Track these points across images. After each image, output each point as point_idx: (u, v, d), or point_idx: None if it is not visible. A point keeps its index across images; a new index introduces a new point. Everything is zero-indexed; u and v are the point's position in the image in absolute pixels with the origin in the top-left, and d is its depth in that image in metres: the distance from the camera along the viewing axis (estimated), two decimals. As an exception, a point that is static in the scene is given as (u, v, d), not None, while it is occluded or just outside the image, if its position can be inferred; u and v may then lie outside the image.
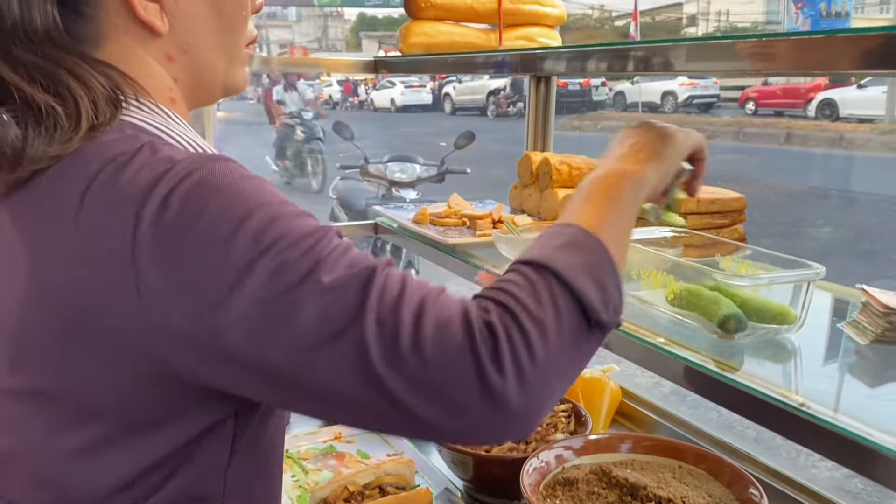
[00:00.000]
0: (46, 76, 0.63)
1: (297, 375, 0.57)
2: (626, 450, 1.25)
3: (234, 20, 0.76)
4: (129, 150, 0.61)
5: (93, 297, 0.58)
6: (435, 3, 1.59)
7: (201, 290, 0.56)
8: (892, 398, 0.84)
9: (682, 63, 0.91)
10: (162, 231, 0.57)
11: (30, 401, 0.63)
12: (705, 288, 0.97)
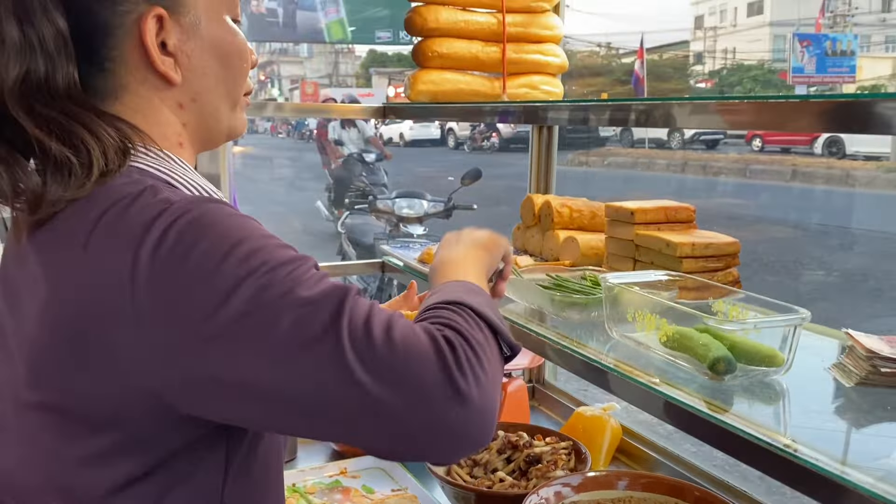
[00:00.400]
0: (64, 130, 0.71)
1: (278, 385, 0.63)
2: (623, 487, 1.28)
3: (237, 73, 0.84)
4: (132, 192, 0.69)
5: (95, 324, 0.65)
6: (441, 53, 1.66)
7: (193, 312, 0.63)
8: (874, 440, 0.88)
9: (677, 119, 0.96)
10: (158, 263, 0.64)
11: (43, 413, 0.70)
12: (697, 331, 1.01)
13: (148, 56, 0.76)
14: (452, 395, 0.64)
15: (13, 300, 0.76)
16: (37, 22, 0.70)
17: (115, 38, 0.75)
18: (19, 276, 0.75)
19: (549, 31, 1.76)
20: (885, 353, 0.96)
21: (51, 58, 0.71)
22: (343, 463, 1.59)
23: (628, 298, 1.15)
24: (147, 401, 0.66)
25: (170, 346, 0.64)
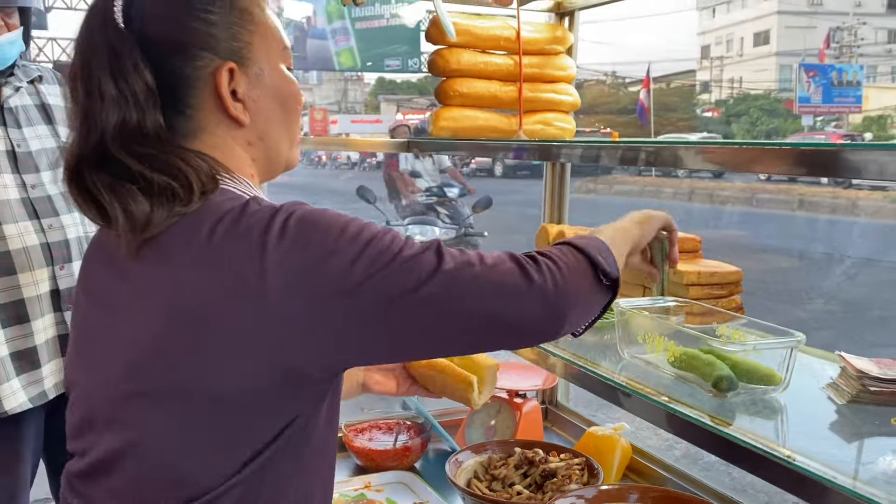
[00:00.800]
0: (161, 163, 0.83)
1: (402, 316, 0.80)
2: (634, 500, 1.37)
3: (293, 114, 0.97)
4: (238, 204, 0.83)
5: (228, 306, 0.78)
6: (462, 92, 1.77)
7: (324, 281, 0.78)
8: (861, 450, 0.97)
9: (682, 161, 1.06)
10: (284, 251, 0.78)
11: (151, 400, 0.81)
12: (702, 352, 1.11)
13: (222, 102, 0.88)
14: (528, 289, 0.84)
15: (109, 305, 0.88)
16: (129, 79, 0.83)
17: (195, 88, 0.87)
18: (118, 288, 0.87)
19: (563, 72, 1.88)
20: (874, 373, 1.06)
21: (141, 107, 0.83)
22: (367, 477, 1.68)
23: (639, 322, 1.25)
24: (273, 373, 0.79)
25: (311, 312, 0.78)
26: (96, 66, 0.83)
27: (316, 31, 21.44)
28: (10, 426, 1.74)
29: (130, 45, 0.84)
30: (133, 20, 0.85)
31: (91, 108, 0.84)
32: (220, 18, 0.88)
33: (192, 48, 0.86)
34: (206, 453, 0.81)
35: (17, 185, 1.74)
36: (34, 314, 1.73)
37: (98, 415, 0.87)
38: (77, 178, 0.85)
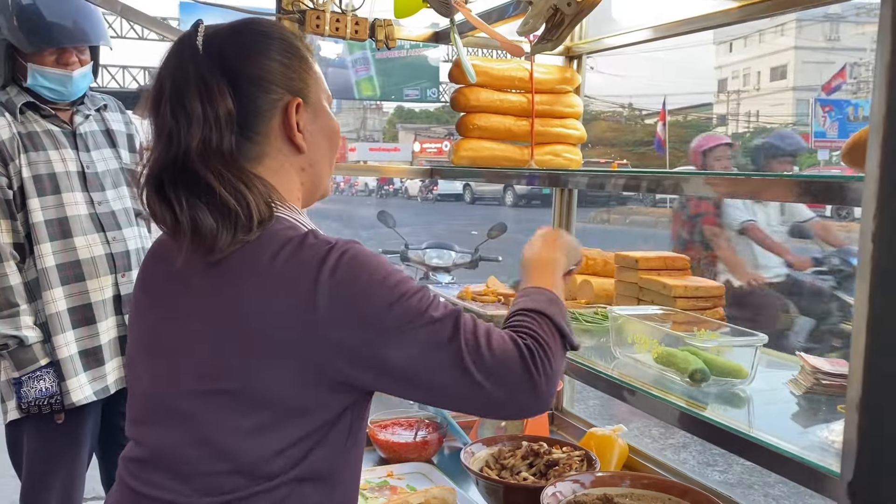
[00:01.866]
0: (229, 182, 0.96)
1: (415, 371, 0.94)
2: (626, 485, 1.55)
3: (335, 147, 1.14)
4: (298, 234, 0.97)
5: (284, 325, 0.92)
6: (480, 126, 1.99)
7: (360, 319, 0.92)
8: (807, 426, 1.15)
9: (685, 189, 1.24)
10: (334, 285, 0.92)
11: (217, 397, 0.96)
12: (680, 350, 1.30)
13: (289, 131, 1.03)
14: (530, 387, 0.95)
15: (177, 316, 1.01)
16: (215, 103, 0.96)
17: (265, 118, 1.02)
18: (184, 296, 1.00)
19: (571, 109, 2.09)
20: (826, 369, 1.25)
21: (220, 129, 0.96)
22: (389, 467, 1.88)
23: (630, 326, 1.44)
24: (314, 381, 0.94)
25: (344, 342, 0.92)
26: (188, 90, 0.96)
27: (337, 61, 21.95)
28: (74, 417, 1.96)
29: (218, 76, 0.97)
30: (214, 53, 0.99)
31: (177, 126, 0.95)
32: (290, 62, 1.04)
33: (269, 84, 1.01)
34: (264, 447, 0.95)
35: (86, 201, 1.98)
36: (99, 316, 1.96)
37: (159, 408, 1.01)
38: (158, 187, 0.97)
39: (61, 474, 1.97)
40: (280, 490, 0.96)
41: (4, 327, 1.84)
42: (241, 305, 0.94)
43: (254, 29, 1.05)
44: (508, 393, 0.95)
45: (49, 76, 1.93)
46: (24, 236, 1.89)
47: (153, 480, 0.99)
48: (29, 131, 1.93)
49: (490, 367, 0.94)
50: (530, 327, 1.01)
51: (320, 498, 1.00)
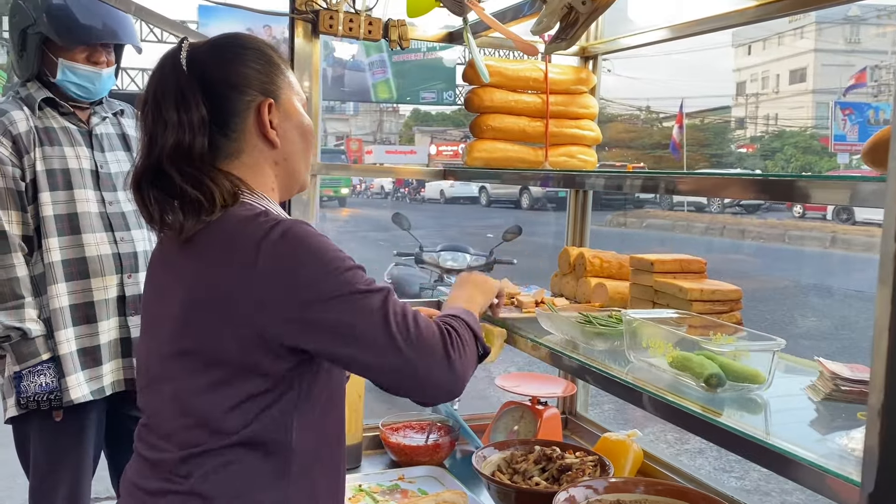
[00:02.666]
0: (196, 180, 1.08)
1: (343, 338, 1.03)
2: (640, 491, 1.53)
3: (309, 143, 1.24)
4: (252, 213, 1.08)
5: (228, 287, 1.03)
6: (494, 126, 1.98)
7: (294, 286, 1.02)
8: (826, 434, 1.13)
9: (701, 191, 1.22)
10: (274, 252, 1.02)
11: (182, 357, 1.07)
12: (696, 355, 1.28)
13: (262, 128, 1.14)
14: (447, 363, 1.08)
15: (160, 292, 1.15)
16: (189, 110, 1.08)
17: (241, 117, 1.13)
18: (166, 276, 1.15)
19: (586, 110, 2.07)
20: (845, 374, 1.22)
21: (193, 133, 1.08)
22: (400, 471, 1.86)
23: (644, 330, 1.42)
24: (257, 341, 1.03)
25: (280, 304, 1.02)
26: (166, 99, 1.08)
27: (354, 64, 22.03)
28: (74, 416, 1.95)
29: (194, 87, 1.09)
30: (195, 66, 1.11)
31: (156, 131, 1.08)
32: (263, 68, 1.16)
33: (244, 87, 1.13)
34: (220, 402, 1.05)
35: (98, 200, 1.98)
36: (101, 316, 1.96)
37: (153, 375, 1.14)
38: (138, 189, 1.11)
39: (67, 474, 1.97)
40: (236, 450, 1.06)
41: (8, 319, 1.84)
42: (199, 273, 1.07)
43: (231, 42, 1.18)
44: (427, 364, 1.06)
45: (79, 73, 1.95)
46: (33, 229, 1.90)
47: (151, 442, 1.12)
48: (46, 126, 1.94)
49: (414, 338, 1.05)
50: (449, 321, 1.16)
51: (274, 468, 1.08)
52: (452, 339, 1.10)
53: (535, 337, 1.60)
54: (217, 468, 1.06)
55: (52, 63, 1.95)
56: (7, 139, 1.87)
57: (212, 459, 1.06)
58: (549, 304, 1.75)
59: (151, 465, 1.11)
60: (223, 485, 1.06)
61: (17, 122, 1.89)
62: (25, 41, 1.94)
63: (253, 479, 1.07)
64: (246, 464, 1.07)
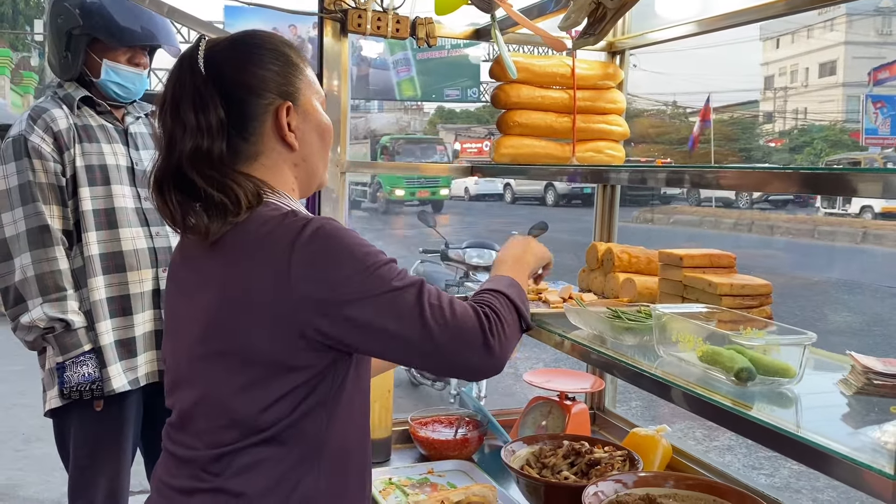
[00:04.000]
0: (219, 183, 1.08)
1: (381, 330, 1.04)
2: (670, 485, 1.53)
3: (328, 144, 1.24)
4: (280, 213, 1.09)
5: (263, 288, 1.04)
6: (521, 123, 1.99)
7: (330, 283, 1.03)
8: (859, 427, 1.12)
9: (728, 184, 1.23)
10: (307, 254, 1.03)
11: (215, 359, 1.08)
12: (726, 349, 1.28)
13: (280, 131, 1.14)
14: (484, 347, 1.08)
15: (187, 294, 1.15)
16: (207, 113, 1.08)
17: (259, 120, 1.13)
18: (192, 277, 1.15)
19: (613, 105, 2.07)
20: (878, 369, 1.21)
21: (212, 136, 1.08)
22: (430, 464, 1.88)
23: (674, 324, 1.42)
24: (294, 339, 1.04)
25: (316, 302, 1.02)
26: (184, 100, 1.08)
27: (378, 62, 22.08)
28: (115, 406, 2.00)
29: (212, 88, 1.09)
30: (213, 67, 1.11)
31: (175, 133, 1.08)
32: (281, 69, 1.15)
33: (261, 90, 1.13)
34: (255, 401, 1.06)
35: (134, 196, 2.03)
36: (136, 308, 2.00)
37: (182, 375, 1.14)
38: (159, 191, 1.11)
39: (107, 466, 2.01)
40: (269, 447, 1.07)
41: (52, 310, 1.89)
42: (231, 275, 1.07)
43: (248, 42, 1.16)
44: (464, 350, 1.07)
45: (122, 73, 2.01)
46: (73, 224, 1.95)
47: (180, 440, 1.13)
48: (84, 124, 1.99)
49: (451, 326, 1.06)
50: (489, 301, 1.14)
51: (304, 463, 1.09)
52: (491, 323, 1.09)
53: (564, 332, 1.61)
54: (248, 465, 1.07)
55: (94, 64, 2.00)
56: (49, 136, 1.92)
57: (243, 457, 1.07)
58: (578, 299, 1.75)
59: (180, 462, 1.12)
60: (253, 481, 1.07)
61: (58, 120, 1.94)
62: (70, 42, 1.99)
63: (283, 474, 1.08)
64: (276, 460, 1.08)
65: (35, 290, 1.89)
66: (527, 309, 1.19)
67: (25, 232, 1.90)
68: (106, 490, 2.03)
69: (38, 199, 1.91)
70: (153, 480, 1.19)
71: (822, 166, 1.06)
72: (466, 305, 1.10)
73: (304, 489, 1.09)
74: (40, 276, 1.89)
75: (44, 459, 3.89)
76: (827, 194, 1.24)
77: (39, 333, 1.91)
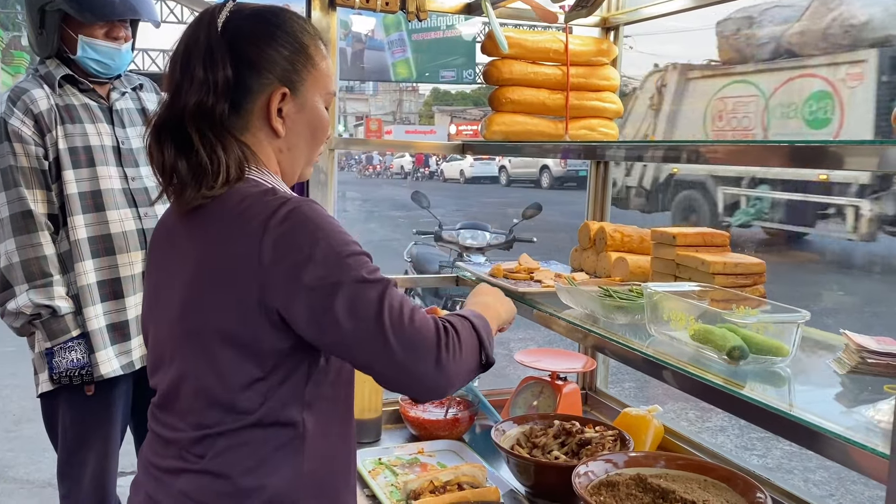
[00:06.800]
0: (210, 143, 1.06)
1: (335, 321, 0.99)
2: (661, 465, 1.52)
3: (318, 140, 1.20)
4: (260, 191, 1.07)
5: (234, 265, 1.02)
6: (513, 99, 1.95)
7: (300, 266, 1.00)
8: (851, 406, 1.11)
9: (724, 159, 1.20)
10: (280, 231, 1.01)
11: (193, 337, 1.06)
12: (718, 327, 1.26)
13: (267, 115, 1.12)
14: (435, 362, 1.02)
15: (165, 268, 1.14)
16: (216, 69, 1.06)
17: (254, 95, 1.11)
18: (170, 253, 1.12)
19: (607, 82, 2.04)
20: (872, 347, 1.19)
21: (217, 95, 1.06)
22: (420, 444, 1.87)
23: (665, 303, 1.40)
24: (263, 319, 1.02)
25: (282, 284, 1.00)
26: (195, 55, 1.07)
27: (374, 43, 21.90)
28: (104, 390, 1.98)
29: (224, 47, 1.08)
30: (229, 30, 1.09)
31: (182, 85, 1.07)
32: (290, 55, 1.12)
33: (263, 69, 1.10)
34: (231, 383, 1.04)
35: (120, 176, 1.99)
36: (128, 291, 1.97)
37: (165, 353, 1.12)
38: (157, 138, 1.09)
39: (95, 448, 2.00)
40: (253, 430, 1.05)
41: (38, 297, 1.86)
42: (206, 251, 1.06)
43: (270, 19, 1.13)
44: (414, 359, 1.01)
45: (99, 49, 1.95)
46: (58, 208, 1.91)
47: (165, 421, 1.12)
48: (66, 104, 1.94)
49: (406, 330, 1.01)
50: (452, 321, 1.10)
51: (288, 445, 1.07)
52: (449, 339, 1.05)
53: (555, 311, 1.59)
54: (232, 447, 1.06)
55: (71, 40, 1.95)
56: (29, 118, 1.88)
57: (225, 440, 1.06)
58: (569, 278, 1.73)
59: (166, 443, 1.11)
60: (237, 463, 1.06)
61: (38, 101, 1.89)
62: (44, 19, 1.94)
63: (266, 457, 1.07)
64: (258, 444, 1.06)
65: (21, 276, 1.86)
66: (491, 345, 1.14)
67: (9, 218, 1.86)
68: (94, 471, 2.01)
69: (21, 184, 1.86)
70: (140, 460, 1.18)
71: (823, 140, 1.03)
72: (427, 317, 1.05)
73: (289, 472, 1.08)
74: (25, 263, 1.86)
75: (34, 440, 3.87)
76: (824, 168, 1.22)
77: (26, 320, 1.88)
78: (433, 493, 1.53)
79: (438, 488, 1.53)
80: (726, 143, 1.20)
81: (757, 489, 1.36)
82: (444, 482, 1.55)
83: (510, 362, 5.03)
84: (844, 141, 1.01)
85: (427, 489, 1.53)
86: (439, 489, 1.53)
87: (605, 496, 1.42)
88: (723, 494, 1.41)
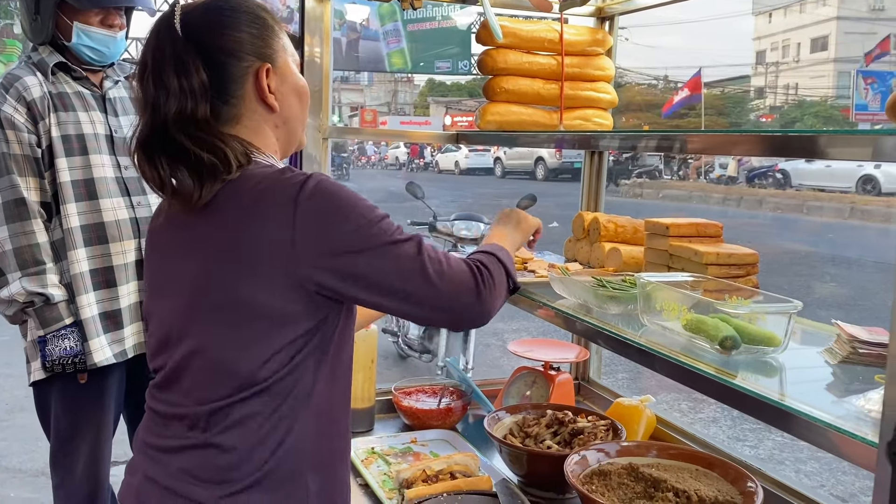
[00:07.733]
0: (207, 144, 1.08)
1: (381, 280, 1.07)
2: (653, 455, 1.52)
3: (305, 105, 1.25)
4: (276, 170, 1.10)
5: (263, 243, 1.04)
6: (508, 89, 1.95)
7: (333, 237, 1.05)
8: (842, 395, 1.11)
9: (718, 149, 1.21)
10: (311, 205, 1.04)
11: (215, 313, 1.08)
12: (711, 317, 1.26)
13: (261, 93, 1.15)
14: (476, 293, 1.13)
15: (177, 253, 1.14)
16: (190, 77, 1.08)
17: (239, 83, 1.13)
18: (183, 238, 1.13)
19: (602, 72, 2.03)
20: (863, 337, 1.20)
21: (195, 99, 1.08)
22: (413, 434, 1.87)
23: (658, 293, 1.40)
24: (297, 291, 1.05)
25: (319, 256, 1.04)
26: (166, 66, 1.08)
27: (368, 33, 21.79)
28: (97, 378, 1.98)
29: (192, 51, 1.09)
30: (190, 30, 1.10)
31: (158, 99, 1.08)
32: (258, 32, 1.16)
33: (240, 53, 1.13)
34: (255, 355, 1.07)
35: (113, 165, 1.98)
36: (121, 280, 1.97)
37: (172, 333, 1.14)
38: (147, 156, 1.11)
39: (88, 436, 1.99)
40: (261, 399, 1.08)
41: (31, 284, 1.85)
42: (227, 232, 1.08)
43: (223, 6, 1.15)
44: (459, 296, 1.11)
45: (94, 36, 1.94)
46: (51, 196, 1.90)
47: (167, 399, 1.14)
48: (59, 91, 1.93)
49: (447, 274, 1.11)
50: (481, 258, 1.20)
51: (291, 411, 1.10)
52: (483, 275, 1.15)
53: (549, 301, 1.59)
54: (239, 420, 1.07)
55: (66, 27, 1.93)
56: (22, 106, 1.87)
57: (235, 411, 1.07)
58: (563, 268, 1.73)
59: (167, 420, 1.12)
60: (244, 435, 1.07)
61: (31, 88, 1.88)
62: (39, 5, 1.92)
63: (274, 426, 1.08)
64: (267, 413, 1.08)
65: (14, 263, 1.85)
66: (515, 272, 1.26)
67: (1, 205, 1.86)
68: (87, 460, 2.01)
69: (14, 172, 1.86)
70: (136, 443, 1.19)
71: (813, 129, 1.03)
72: (459, 259, 1.15)
73: (293, 440, 1.10)
74: (18, 250, 1.85)
75: (27, 429, 3.87)
76: (818, 158, 1.22)
77: (19, 308, 1.88)
78: (426, 482, 1.53)
79: (431, 477, 1.54)
80: (718, 133, 1.20)
81: (748, 478, 1.37)
82: (436, 471, 1.56)
83: (504, 354, 5.04)
84: (838, 130, 1.01)
85: (420, 478, 1.54)
86: (432, 478, 1.53)
87: (598, 485, 1.42)
88: (714, 483, 1.42)
